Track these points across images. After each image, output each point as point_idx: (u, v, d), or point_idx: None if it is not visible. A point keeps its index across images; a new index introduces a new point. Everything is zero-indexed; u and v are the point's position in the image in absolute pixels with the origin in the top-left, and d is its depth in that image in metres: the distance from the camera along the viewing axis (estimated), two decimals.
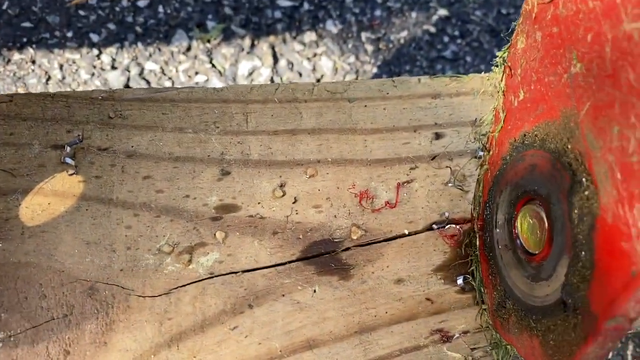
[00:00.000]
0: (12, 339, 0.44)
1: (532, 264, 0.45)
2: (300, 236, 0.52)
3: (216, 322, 0.48)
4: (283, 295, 0.50)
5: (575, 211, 0.40)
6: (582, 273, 0.39)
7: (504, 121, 0.50)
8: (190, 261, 0.49)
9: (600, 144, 0.37)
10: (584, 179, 0.39)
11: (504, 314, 0.49)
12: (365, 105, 0.57)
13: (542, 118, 0.44)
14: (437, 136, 0.57)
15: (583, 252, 0.39)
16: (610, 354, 0.82)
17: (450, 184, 0.56)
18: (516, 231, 0.47)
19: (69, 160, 0.49)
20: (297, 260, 0.51)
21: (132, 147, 0.51)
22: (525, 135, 0.46)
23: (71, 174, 0.49)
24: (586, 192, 0.39)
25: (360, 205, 0.54)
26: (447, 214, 0.55)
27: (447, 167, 0.56)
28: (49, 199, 0.48)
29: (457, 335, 0.51)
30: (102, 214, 0.48)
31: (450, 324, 0.52)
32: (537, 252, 0.45)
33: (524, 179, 0.47)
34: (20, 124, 0.49)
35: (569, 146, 0.41)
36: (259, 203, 0.52)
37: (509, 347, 0.51)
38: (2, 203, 0.47)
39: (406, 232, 0.54)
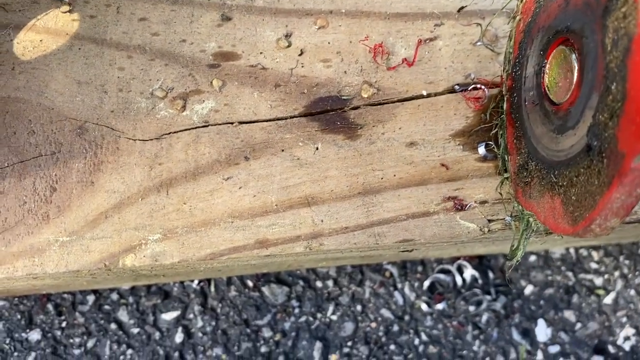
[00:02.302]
0: (0, 171, 0.43)
1: (559, 113, 0.40)
2: (305, 91, 0.47)
3: (209, 171, 0.45)
4: (282, 150, 0.46)
5: (610, 35, 0.34)
6: (611, 108, 0.33)
7: None
8: (184, 107, 0.46)
9: None
10: None
11: (526, 178, 0.44)
12: None
13: None
14: None
15: (614, 84, 0.33)
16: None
17: (479, 43, 0.50)
18: (545, 81, 0.41)
19: None
20: (300, 115, 0.47)
21: None
22: None
23: (65, 12, 0.46)
24: (623, 9, 0.32)
25: (374, 62, 0.49)
26: (472, 76, 0.49)
27: (477, 24, 0.50)
28: (41, 36, 0.46)
29: (472, 204, 0.46)
30: (94, 54, 0.46)
31: (466, 193, 0.47)
32: (565, 99, 0.39)
33: (557, 18, 0.40)
34: None
35: None
36: (261, 53, 0.48)
37: (531, 219, 0.46)
38: None
39: (424, 93, 0.48)
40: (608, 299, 0.78)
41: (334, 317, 0.73)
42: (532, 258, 0.78)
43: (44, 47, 0.45)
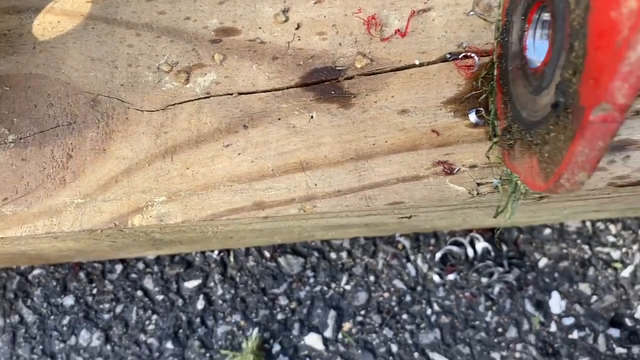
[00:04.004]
0: (22, 140, 0.47)
1: (537, 75, 0.41)
2: (301, 62, 0.50)
3: (210, 139, 0.48)
4: (279, 119, 0.49)
5: None
6: (574, 64, 0.35)
7: None
8: (187, 80, 0.49)
9: None
10: None
11: (510, 140, 0.45)
12: None
13: None
14: None
15: (577, 41, 0.34)
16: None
17: (472, 13, 0.51)
18: (526, 44, 0.43)
19: None
20: (296, 86, 0.50)
21: None
22: None
23: None
24: None
25: (368, 34, 0.51)
26: (464, 45, 0.50)
27: None
28: (58, 18, 0.50)
29: (462, 168, 0.48)
30: (106, 33, 0.50)
31: (456, 157, 0.48)
32: (541, 60, 0.40)
33: None
34: None
35: None
36: (259, 28, 0.50)
37: (518, 182, 0.47)
38: (16, 20, 0.50)
39: (417, 62, 0.50)
40: (626, 272, 0.78)
41: (348, 287, 0.76)
42: (547, 231, 0.79)
43: (61, 28, 0.50)
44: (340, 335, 0.74)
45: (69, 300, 0.74)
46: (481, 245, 0.76)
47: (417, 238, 0.77)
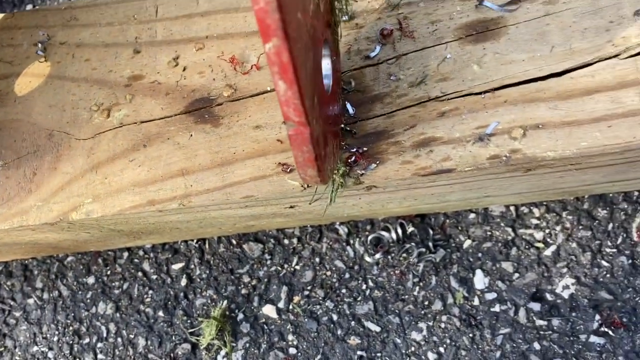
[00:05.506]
0: (6, 165, 0.70)
1: None
2: (185, 95, 0.68)
3: (121, 156, 0.68)
4: (168, 139, 0.67)
5: None
6: None
7: None
8: (109, 115, 0.69)
9: None
10: None
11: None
12: None
13: None
14: None
15: None
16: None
17: None
18: None
19: (41, 52, 0.72)
20: (181, 113, 0.67)
21: (80, 39, 0.72)
22: None
23: (42, 62, 0.72)
24: None
25: (234, 70, 0.67)
26: None
27: None
28: (30, 79, 0.73)
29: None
30: (59, 86, 0.71)
31: (294, 160, 0.63)
32: None
33: None
34: (17, 32, 0.75)
35: None
36: (158, 72, 0.69)
37: (336, 177, 0.61)
38: (4, 83, 0.73)
39: (269, 88, 0.66)
40: (548, 252, 0.85)
41: (298, 267, 0.91)
42: (472, 216, 0.88)
43: (32, 85, 0.72)
44: (291, 307, 0.90)
45: (91, 280, 0.98)
46: (409, 229, 0.88)
47: (356, 225, 0.90)
